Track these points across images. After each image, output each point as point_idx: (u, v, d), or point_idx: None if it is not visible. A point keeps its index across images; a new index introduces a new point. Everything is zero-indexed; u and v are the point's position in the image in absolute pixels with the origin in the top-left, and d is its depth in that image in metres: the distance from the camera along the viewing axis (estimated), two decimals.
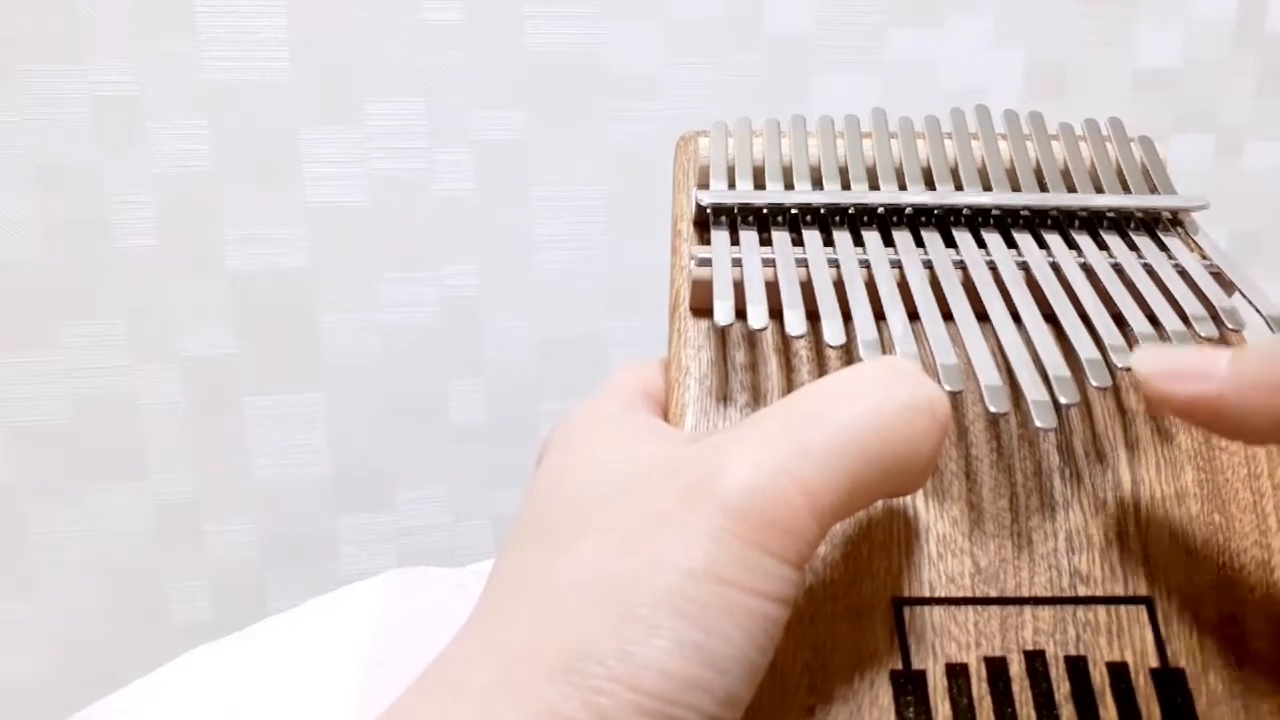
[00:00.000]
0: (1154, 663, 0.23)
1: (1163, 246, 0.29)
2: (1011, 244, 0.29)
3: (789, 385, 0.27)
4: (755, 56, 0.65)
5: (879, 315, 0.26)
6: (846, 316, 0.26)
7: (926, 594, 0.24)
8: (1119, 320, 0.26)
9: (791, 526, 0.20)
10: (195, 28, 0.59)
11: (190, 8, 0.58)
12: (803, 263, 0.28)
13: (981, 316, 0.27)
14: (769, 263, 0.28)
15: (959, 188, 0.31)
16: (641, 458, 0.22)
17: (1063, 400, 0.24)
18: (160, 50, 0.58)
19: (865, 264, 0.28)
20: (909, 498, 0.25)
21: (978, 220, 0.30)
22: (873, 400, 0.21)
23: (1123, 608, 0.24)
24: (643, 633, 0.18)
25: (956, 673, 0.23)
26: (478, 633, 0.21)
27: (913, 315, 0.26)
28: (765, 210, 0.30)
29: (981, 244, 0.29)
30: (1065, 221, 0.30)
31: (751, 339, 0.28)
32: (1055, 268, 0.28)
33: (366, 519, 0.68)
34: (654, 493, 0.21)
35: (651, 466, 0.21)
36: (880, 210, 0.30)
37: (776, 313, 0.26)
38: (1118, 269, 0.28)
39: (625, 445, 0.24)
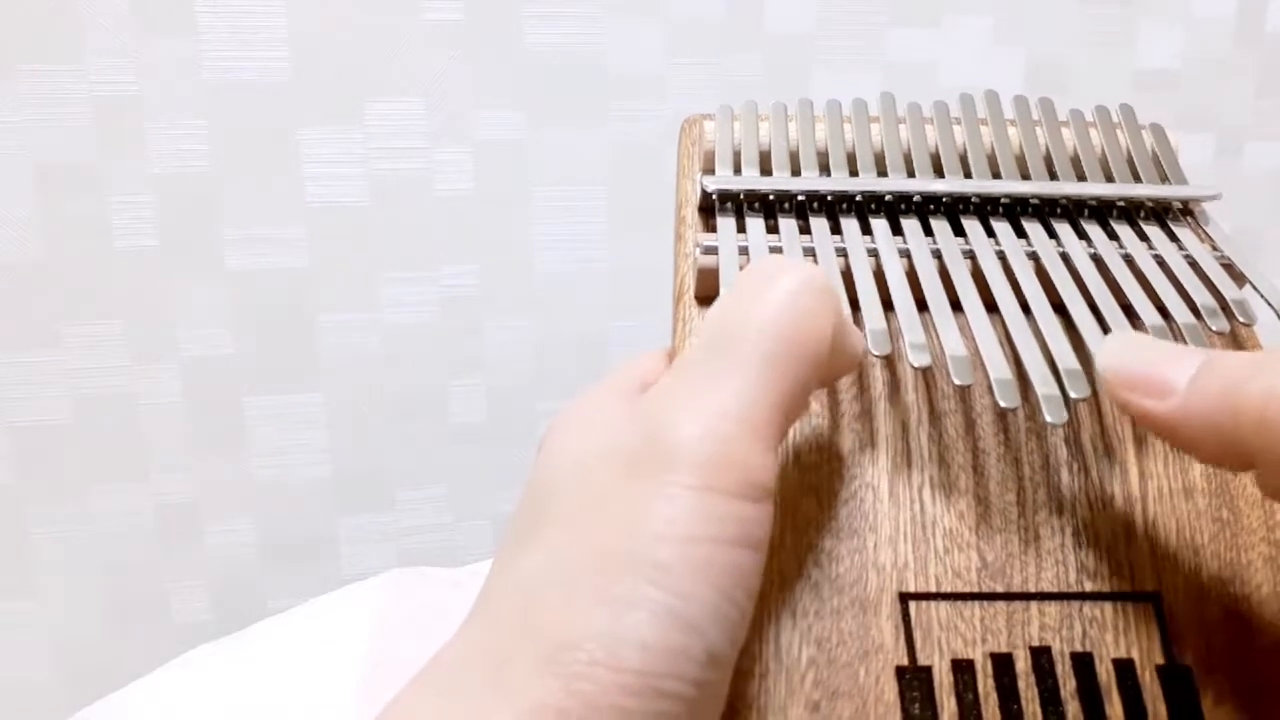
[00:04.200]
0: (1160, 659, 0.23)
1: (1173, 237, 0.29)
2: (1021, 233, 0.29)
3: None
4: (755, 56, 0.65)
5: (887, 305, 0.26)
6: (854, 306, 0.26)
7: (933, 589, 0.23)
8: (1129, 312, 0.26)
9: (739, 459, 0.20)
10: (195, 28, 0.58)
11: (190, 8, 0.58)
12: (810, 251, 0.28)
13: (990, 307, 0.26)
14: (776, 250, 0.28)
15: (968, 175, 0.30)
16: (603, 439, 0.22)
17: (1073, 395, 0.24)
18: (160, 50, 0.58)
19: (873, 253, 0.28)
20: (915, 490, 0.25)
21: (986, 208, 0.30)
22: (757, 305, 0.21)
23: (1129, 604, 0.23)
24: (616, 611, 0.18)
25: (962, 668, 0.22)
26: (467, 632, 0.21)
27: (921, 305, 0.26)
28: (772, 197, 0.29)
29: (990, 233, 0.29)
30: (1075, 210, 0.30)
31: None
32: (1065, 258, 0.28)
33: (366, 519, 0.68)
34: (606, 469, 0.21)
35: (604, 444, 0.22)
36: (888, 198, 0.29)
37: None
38: (1128, 259, 0.28)
39: (601, 432, 0.24)
